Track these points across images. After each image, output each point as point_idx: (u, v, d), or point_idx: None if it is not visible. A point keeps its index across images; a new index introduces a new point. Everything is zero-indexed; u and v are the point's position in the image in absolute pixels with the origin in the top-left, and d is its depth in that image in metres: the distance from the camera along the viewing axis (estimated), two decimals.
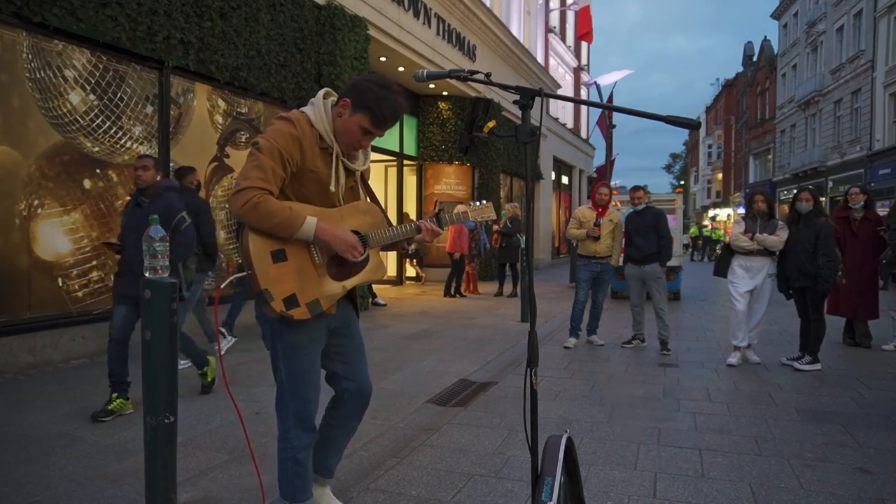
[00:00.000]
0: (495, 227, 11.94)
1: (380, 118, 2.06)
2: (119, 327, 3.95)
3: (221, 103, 7.16)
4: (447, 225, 2.35)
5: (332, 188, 2.10)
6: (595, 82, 18.62)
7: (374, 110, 2.05)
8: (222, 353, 5.97)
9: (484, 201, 2.56)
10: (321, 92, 2.14)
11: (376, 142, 2.39)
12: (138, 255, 2.52)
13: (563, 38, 26.13)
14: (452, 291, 11.20)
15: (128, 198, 4.93)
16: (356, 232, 2.13)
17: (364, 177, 2.28)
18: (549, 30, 23.55)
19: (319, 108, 2.09)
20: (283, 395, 2.18)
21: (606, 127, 16.93)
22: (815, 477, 3.08)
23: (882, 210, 9.67)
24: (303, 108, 2.11)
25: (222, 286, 2.06)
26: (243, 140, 7.51)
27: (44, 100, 5.22)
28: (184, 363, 4.72)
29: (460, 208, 2.47)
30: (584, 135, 29.50)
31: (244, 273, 2.00)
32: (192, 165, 5.72)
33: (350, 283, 2.15)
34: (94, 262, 5.63)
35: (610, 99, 18.40)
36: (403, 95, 2.16)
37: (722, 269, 5.91)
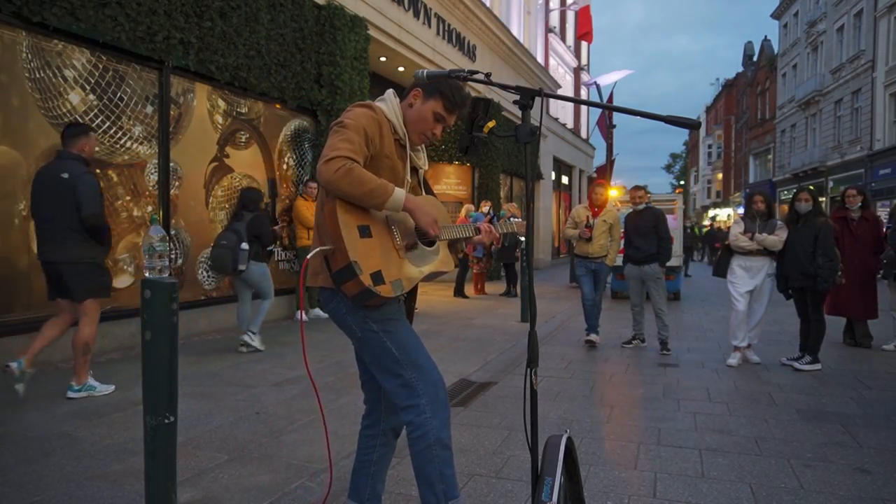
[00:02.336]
0: None
1: (452, 102, 2.12)
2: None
3: (221, 103, 7.16)
4: (501, 231, 2.43)
5: (408, 178, 2.13)
6: (595, 82, 18.63)
7: (447, 94, 2.10)
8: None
9: (520, 219, 2.62)
10: (390, 91, 2.20)
11: None
12: None
13: (563, 38, 26.13)
14: (456, 292, 11.24)
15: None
16: None
17: (426, 179, 2.33)
18: (549, 30, 23.55)
19: (391, 102, 2.15)
20: (403, 378, 2.03)
21: (606, 127, 16.94)
22: (815, 477, 3.08)
23: (882, 210, 9.65)
24: (377, 103, 2.15)
25: (308, 256, 1.99)
26: (243, 140, 7.51)
27: (44, 100, 5.21)
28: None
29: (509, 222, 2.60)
30: (584, 135, 29.51)
31: (328, 248, 1.95)
32: None
33: (427, 269, 2.16)
34: None
35: (610, 99, 18.41)
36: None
37: (721, 270, 5.91)
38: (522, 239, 9.83)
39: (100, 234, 4.17)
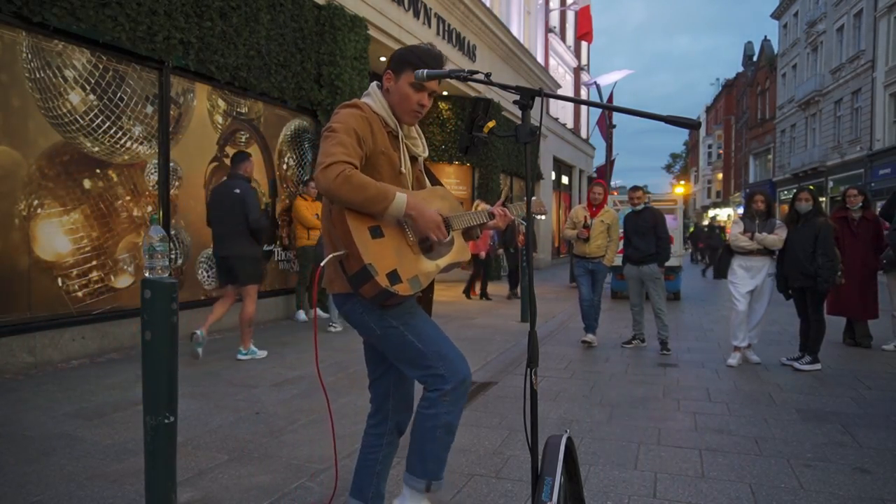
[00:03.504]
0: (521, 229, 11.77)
1: (424, 66, 2.05)
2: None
3: (221, 103, 7.16)
4: (515, 213, 2.37)
5: (403, 170, 2.09)
6: (595, 82, 18.62)
7: (415, 62, 2.05)
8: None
9: (535, 197, 2.50)
10: (373, 84, 2.17)
11: None
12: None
13: (563, 38, 26.12)
14: (478, 293, 11.05)
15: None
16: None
17: (427, 167, 2.30)
18: (549, 30, 23.55)
19: (376, 94, 2.11)
20: (430, 374, 2.03)
21: (606, 127, 16.94)
22: (815, 477, 3.08)
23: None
24: (363, 99, 2.12)
25: (322, 263, 1.99)
26: (243, 140, 7.51)
27: (44, 100, 5.22)
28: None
29: (519, 204, 2.49)
30: (584, 135, 29.51)
31: (341, 253, 1.93)
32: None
33: (443, 262, 2.13)
34: (94, 262, 5.63)
35: (610, 99, 18.40)
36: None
37: (722, 271, 5.91)
38: (543, 217, 9.59)
39: (260, 235, 5.51)
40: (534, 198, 2.48)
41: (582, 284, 6.64)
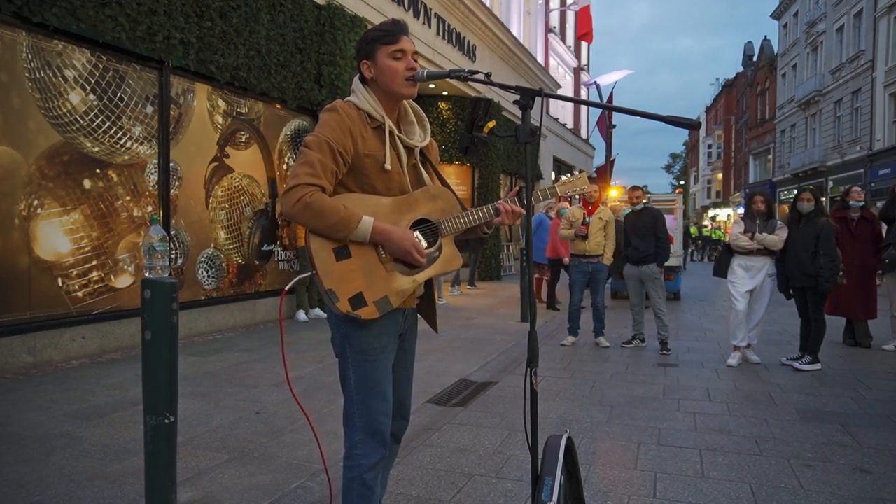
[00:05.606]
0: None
1: (388, 33, 1.99)
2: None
3: (221, 103, 7.16)
4: (534, 203, 2.19)
5: (388, 166, 1.97)
6: (595, 82, 18.64)
7: (380, 36, 1.99)
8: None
9: (577, 172, 2.34)
10: (354, 80, 2.08)
11: None
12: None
13: (563, 38, 26.13)
14: (550, 301, 9.98)
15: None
16: (427, 220, 2.01)
17: (429, 157, 2.19)
18: (549, 30, 23.55)
19: (359, 89, 2.03)
20: (350, 408, 1.98)
21: (606, 127, 16.95)
22: (815, 477, 3.08)
23: None
24: (347, 98, 2.04)
25: (286, 288, 2.00)
26: (243, 140, 7.51)
27: (44, 100, 5.21)
28: None
29: (546, 184, 2.31)
30: (584, 135, 29.51)
31: (307, 275, 1.92)
32: None
33: (421, 276, 2.01)
34: (94, 262, 5.63)
35: (610, 99, 18.41)
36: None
37: (722, 270, 5.92)
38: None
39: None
40: (577, 172, 2.37)
41: (576, 291, 6.64)
